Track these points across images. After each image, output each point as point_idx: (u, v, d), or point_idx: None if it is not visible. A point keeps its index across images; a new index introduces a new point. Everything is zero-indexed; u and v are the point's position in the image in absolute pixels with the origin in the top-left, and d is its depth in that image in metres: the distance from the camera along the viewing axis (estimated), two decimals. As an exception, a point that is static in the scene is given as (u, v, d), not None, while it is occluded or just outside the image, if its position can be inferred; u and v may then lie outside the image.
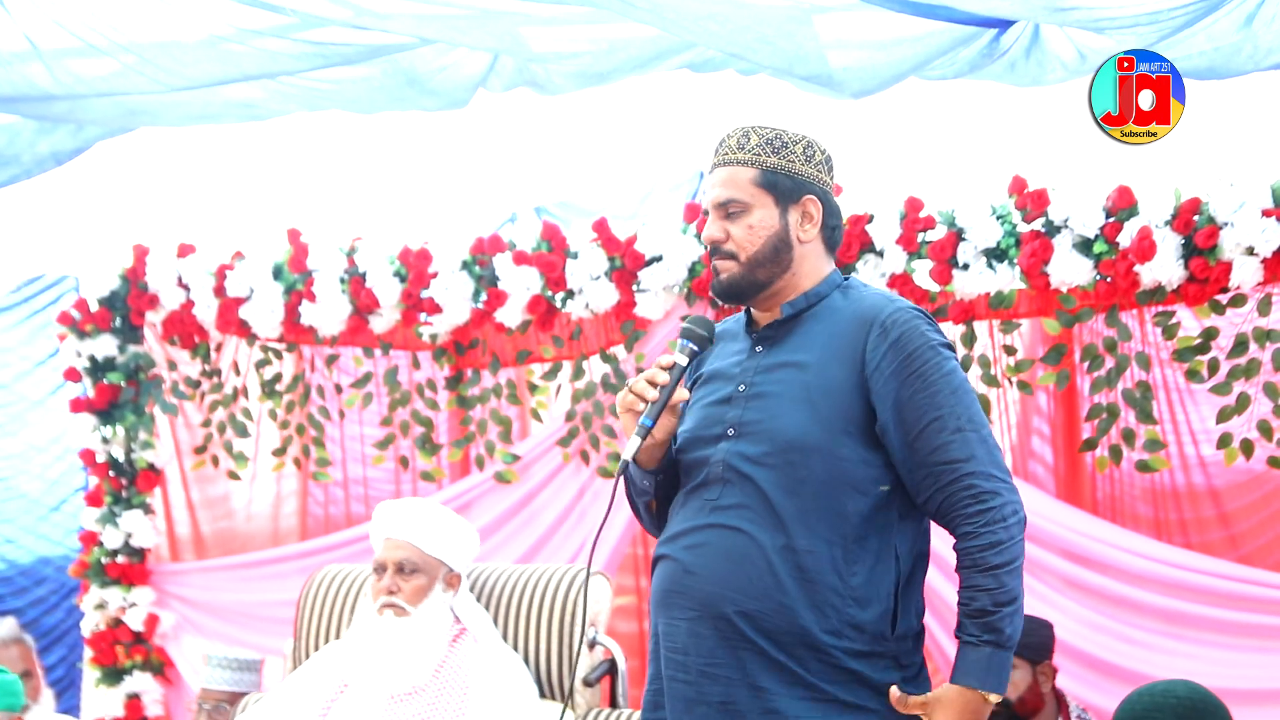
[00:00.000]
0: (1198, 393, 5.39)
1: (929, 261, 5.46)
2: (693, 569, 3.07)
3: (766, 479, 3.05)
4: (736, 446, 3.10)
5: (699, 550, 3.08)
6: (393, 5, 4.58)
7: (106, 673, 6.86)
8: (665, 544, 3.17)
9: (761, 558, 3.01)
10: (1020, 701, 4.77)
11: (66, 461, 7.46)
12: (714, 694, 3.03)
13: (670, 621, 3.11)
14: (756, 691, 3.00)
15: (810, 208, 3.20)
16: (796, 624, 2.99)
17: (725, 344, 3.29)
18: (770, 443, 3.06)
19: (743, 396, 3.14)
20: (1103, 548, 5.30)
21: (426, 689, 4.55)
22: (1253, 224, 5.00)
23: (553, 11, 4.64)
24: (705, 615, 3.04)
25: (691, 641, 3.06)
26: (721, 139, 3.25)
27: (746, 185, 3.17)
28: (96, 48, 4.89)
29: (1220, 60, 4.39)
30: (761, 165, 3.17)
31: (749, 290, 3.20)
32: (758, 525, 3.03)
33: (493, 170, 7.37)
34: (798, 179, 3.19)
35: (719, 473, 3.10)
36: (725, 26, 4.45)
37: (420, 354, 6.54)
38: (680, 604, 3.09)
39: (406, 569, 4.66)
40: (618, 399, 3.17)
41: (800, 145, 3.20)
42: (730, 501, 3.07)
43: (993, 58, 4.59)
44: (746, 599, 3.00)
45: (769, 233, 3.17)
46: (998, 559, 2.98)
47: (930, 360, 3.06)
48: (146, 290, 6.74)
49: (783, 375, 3.12)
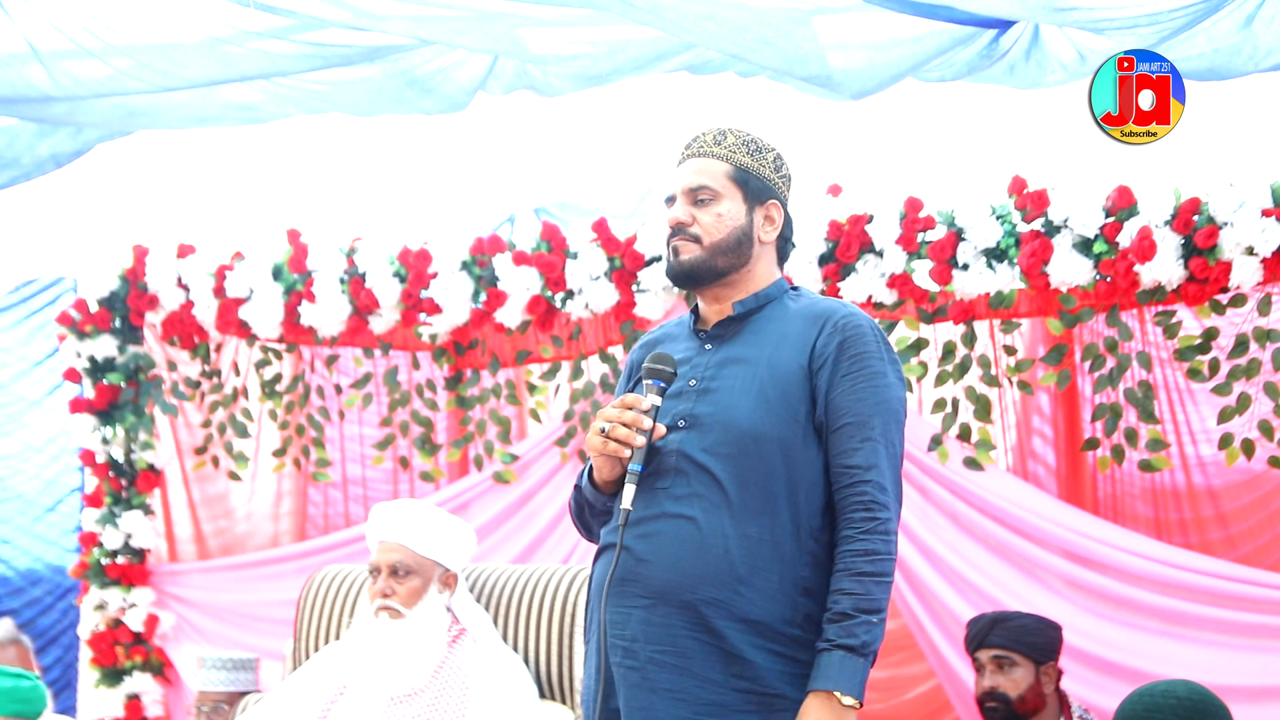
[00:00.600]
0: (1198, 392, 5.40)
1: (929, 261, 5.46)
2: (646, 557, 3.07)
3: (720, 468, 3.07)
4: (689, 437, 3.11)
5: (653, 539, 3.08)
6: (391, 7, 4.58)
7: (106, 673, 6.86)
8: (611, 532, 3.17)
9: (718, 546, 3.02)
10: (1020, 700, 4.78)
11: (63, 462, 7.46)
12: (663, 682, 3.03)
13: (619, 609, 3.10)
14: (704, 681, 3.01)
15: (773, 212, 3.28)
16: (755, 611, 3.01)
17: (669, 345, 3.31)
18: (723, 433, 3.09)
19: (694, 390, 3.17)
20: (1103, 548, 5.29)
21: (426, 690, 4.55)
22: (1252, 224, 5.00)
23: (552, 13, 4.64)
24: (660, 603, 3.04)
25: (642, 629, 3.06)
26: (696, 135, 3.30)
27: (719, 176, 3.24)
28: (96, 50, 4.89)
29: (1220, 61, 4.39)
30: (736, 162, 3.25)
31: (706, 276, 3.23)
32: (712, 514, 3.05)
33: (492, 173, 7.36)
34: (765, 183, 3.27)
35: (672, 463, 3.11)
36: (725, 27, 4.45)
37: (420, 354, 6.54)
38: (631, 591, 3.08)
39: (400, 571, 4.66)
40: (588, 441, 3.14)
41: (772, 155, 3.29)
42: (684, 491, 3.08)
43: (992, 59, 4.59)
44: (707, 587, 3.01)
45: (735, 224, 3.23)
46: (870, 567, 3.00)
47: (868, 368, 3.11)
48: (146, 291, 6.74)
49: (734, 370, 3.15)
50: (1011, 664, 4.81)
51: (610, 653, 3.12)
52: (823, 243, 5.61)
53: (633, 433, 3.07)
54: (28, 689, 4.71)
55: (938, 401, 5.62)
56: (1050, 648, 4.85)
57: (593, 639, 3.18)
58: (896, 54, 4.61)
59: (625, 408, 3.09)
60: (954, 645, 5.41)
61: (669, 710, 3.02)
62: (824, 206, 5.65)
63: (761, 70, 4.85)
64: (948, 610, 5.48)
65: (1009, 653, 4.81)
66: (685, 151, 3.30)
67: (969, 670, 5.21)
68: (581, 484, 3.29)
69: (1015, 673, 4.81)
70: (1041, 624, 4.88)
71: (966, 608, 5.38)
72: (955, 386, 5.61)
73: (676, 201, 3.26)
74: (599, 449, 3.12)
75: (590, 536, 3.35)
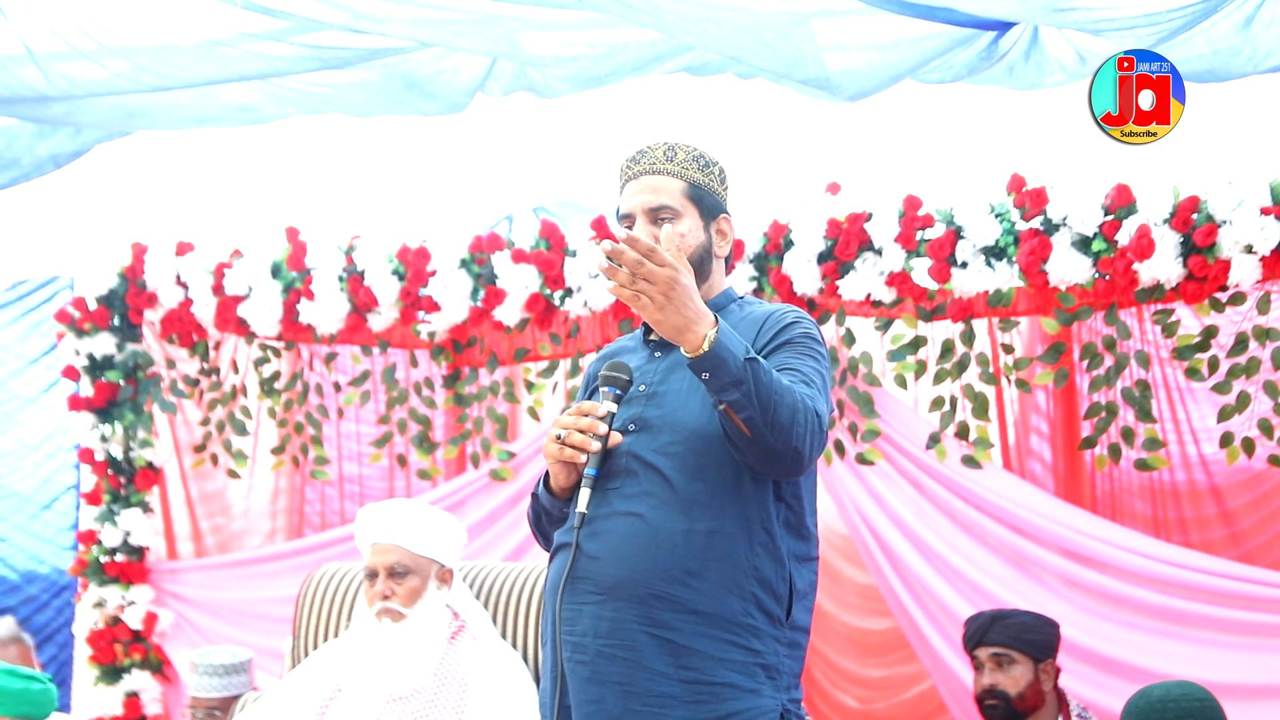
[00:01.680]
0: (1197, 391, 5.40)
1: (928, 260, 5.46)
2: (596, 555, 3.10)
3: (669, 466, 3.11)
4: (639, 440, 3.15)
5: (603, 537, 3.10)
6: (390, 9, 4.58)
7: (105, 671, 6.85)
8: (566, 533, 3.19)
9: (668, 540, 3.06)
10: (1020, 698, 4.79)
11: (59, 459, 7.46)
12: (611, 674, 3.06)
13: (571, 606, 3.12)
14: (652, 674, 3.03)
15: (725, 225, 3.33)
16: (708, 604, 3.04)
17: (625, 357, 3.32)
18: (672, 433, 3.13)
19: (642, 396, 3.21)
20: (1102, 546, 5.30)
21: (425, 688, 4.55)
22: (1251, 222, 5.00)
23: (550, 15, 4.64)
24: (611, 599, 3.07)
25: (592, 624, 3.09)
26: (641, 150, 3.30)
27: (677, 194, 3.26)
28: (91, 52, 4.89)
29: (1219, 63, 4.39)
30: (689, 179, 3.27)
31: None
32: (662, 510, 3.08)
33: (490, 174, 7.36)
34: (715, 197, 3.31)
35: (622, 465, 3.14)
36: (724, 29, 4.44)
37: (418, 352, 6.54)
38: (583, 589, 3.11)
39: (398, 571, 4.66)
40: (545, 449, 3.16)
41: (717, 168, 3.32)
42: (634, 490, 3.11)
43: (991, 60, 4.58)
44: (658, 581, 3.04)
45: (697, 243, 3.26)
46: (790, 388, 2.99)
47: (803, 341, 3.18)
48: (145, 289, 6.73)
49: (683, 374, 3.17)
50: (1011, 662, 4.82)
51: (563, 649, 3.14)
52: (822, 241, 5.61)
53: (588, 438, 3.09)
54: (38, 692, 4.72)
55: (936, 400, 5.63)
56: (1049, 645, 4.86)
57: (548, 638, 3.21)
58: (895, 56, 4.61)
59: (581, 414, 3.11)
60: (951, 644, 5.42)
61: (618, 703, 3.05)
62: (823, 205, 5.64)
63: (760, 72, 4.85)
64: (945, 608, 5.48)
65: (1008, 650, 4.82)
66: (634, 168, 3.30)
67: (966, 669, 5.22)
68: (538, 492, 3.31)
69: (1014, 670, 4.82)
70: (1040, 621, 4.89)
71: (964, 605, 5.39)
72: (953, 385, 5.61)
73: (636, 222, 3.26)
74: (555, 455, 3.14)
75: (546, 545, 3.36)
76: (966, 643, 4.94)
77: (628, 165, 3.32)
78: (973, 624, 4.94)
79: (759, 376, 2.93)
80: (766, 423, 2.95)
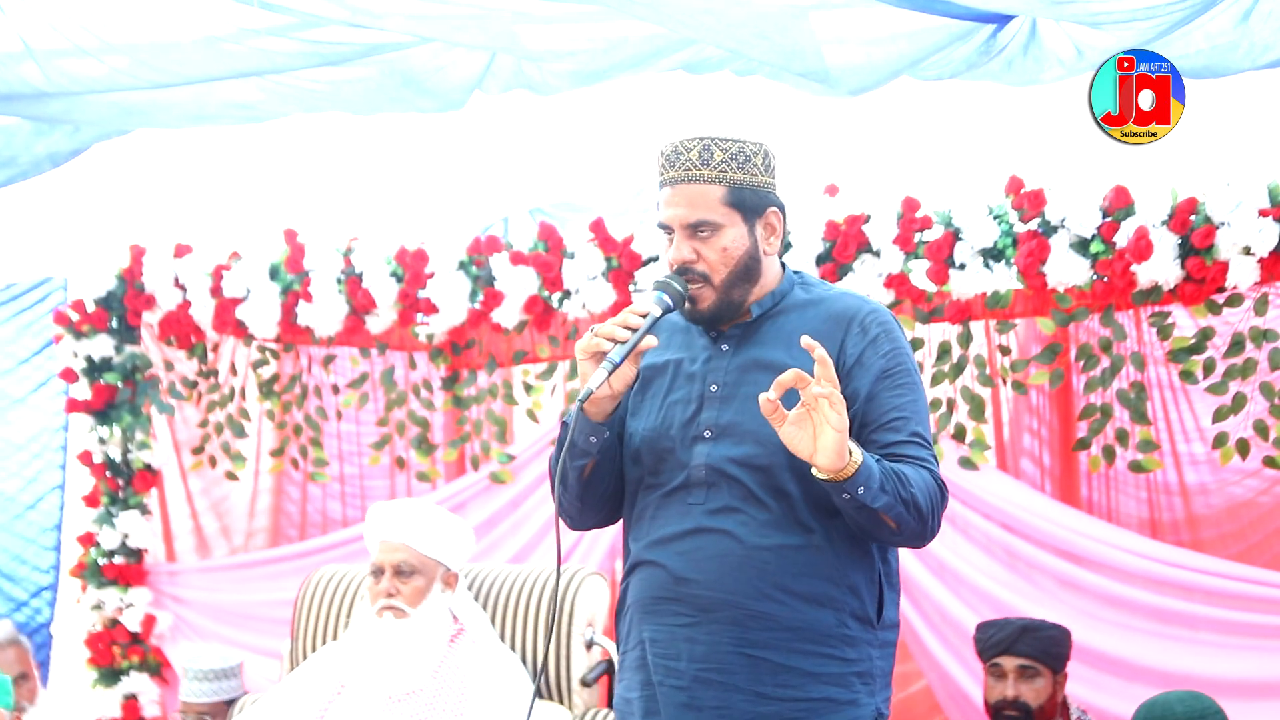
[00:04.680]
0: (1193, 392, 5.40)
1: (926, 261, 5.46)
2: (686, 575, 3.03)
3: (753, 480, 3.02)
4: (718, 449, 3.05)
5: (692, 556, 3.03)
6: (388, 4, 4.58)
7: (103, 673, 6.85)
8: (649, 550, 3.11)
9: (759, 558, 2.99)
10: (1040, 710, 4.79)
11: (45, 459, 7.45)
12: (708, 699, 3.01)
13: (661, 627, 3.07)
14: (749, 696, 2.98)
15: (773, 219, 3.14)
16: (803, 619, 2.98)
17: (673, 334, 3.22)
18: (754, 444, 3.02)
19: (716, 397, 3.09)
20: (1097, 546, 5.30)
21: (424, 689, 4.55)
22: (1249, 224, 5.01)
23: (549, 10, 4.65)
24: (705, 622, 3.01)
25: (686, 647, 3.03)
26: (675, 150, 3.10)
27: (716, 205, 3.07)
28: (92, 49, 4.89)
29: (1217, 58, 4.39)
30: (729, 182, 3.08)
31: (728, 314, 3.13)
32: (750, 527, 3.00)
33: (489, 172, 7.36)
34: (760, 192, 3.12)
35: (702, 476, 3.05)
36: (722, 21, 4.45)
37: (417, 354, 6.54)
38: (673, 610, 3.05)
39: (405, 571, 4.66)
40: (578, 345, 3.02)
41: (760, 156, 3.12)
42: (717, 504, 3.03)
43: (990, 55, 4.59)
44: (752, 600, 2.98)
45: (741, 252, 3.09)
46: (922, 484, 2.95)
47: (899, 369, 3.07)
48: (143, 290, 6.74)
49: (760, 376, 3.04)
50: (1035, 674, 4.80)
51: (655, 671, 3.08)
52: (820, 242, 5.61)
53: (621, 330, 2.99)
54: None
55: (933, 401, 5.62)
56: (1065, 655, 4.86)
57: (632, 656, 3.15)
58: (894, 49, 4.61)
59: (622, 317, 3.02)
60: (946, 645, 5.42)
61: None
62: (821, 206, 5.65)
63: (759, 67, 4.85)
64: (940, 609, 5.49)
65: (1035, 663, 4.80)
66: (670, 172, 3.11)
67: (962, 670, 5.23)
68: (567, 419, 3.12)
69: (1038, 682, 4.80)
70: (1062, 634, 4.88)
71: (959, 606, 5.40)
72: (950, 386, 5.61)
73: (675, 237, 3.10)
74: (585, 345, 3.00)
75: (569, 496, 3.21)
76: (987, 649, 4.90)
77: (663, 166, 3.12)
78: (997, 631, 4.89)
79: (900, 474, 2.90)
80: (912, 514, 2.91)
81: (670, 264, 3.12)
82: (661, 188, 3.14)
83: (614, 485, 3.21)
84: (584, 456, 3.12)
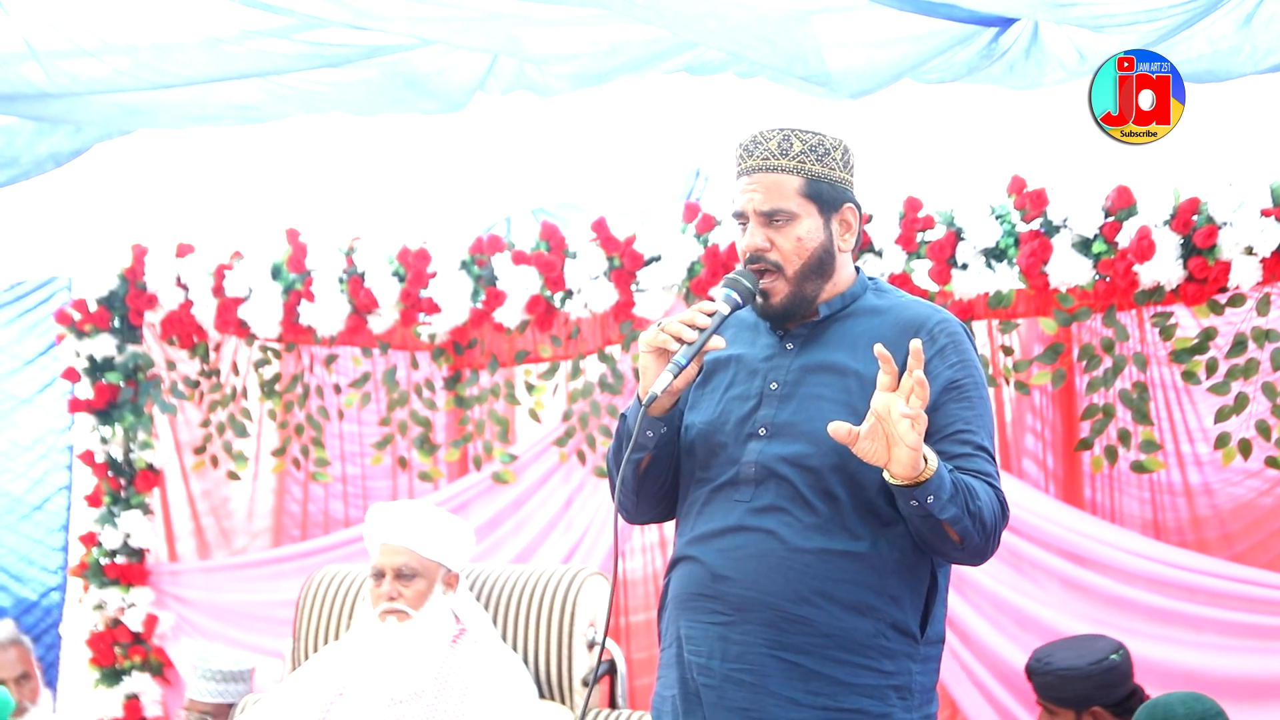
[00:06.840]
0: (1195, 392, 5.39)
1: (928, 261, 5.46)
2: (724, 573, 2.99)
3: (804, 481, 2.97)
4: (771, 447, 3.01)
5: (732, 554, 2.99)
6: (391, 7, 4.58)
7: (105, 673, 6.86)
8: (691, 545, 3.08)
9: (801, 561, 2.94)
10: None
11: (51, 460, 7.45)
12: (738, 700, 2.97)
13: (696, 625, 3.04)
14: (780, 700, 2.94)
15: (849, 216, 3.12)
16: (842, 626, 2.93)
17: (740, 330, 3.17)
18: (809, 445, 2.97)
19: (775, 395, 3.05)
20: (1099, 546, 5.30)
21: (426, 691, 4.55)
22: (1252, 224, 5.00)
23: (551, 13, 4.64)
24: (740, 621, 2.97)
25: (719, 646, 3.00)
26: (755, 140, 3.08)
27: (793, 194, 3.04)
28: (93, 49, 4.89)
29: (1219, 62, 4.39)
30: (807, 174, 3.05)
31: (800, 309, 3.09)
32: (794, 528, 2.96)
33: (490, 173, 7.36)
34: (837, 187, 3.09)
35: (751, 473, 3.01)
36: (724, 24, 4.44)
37: (419, 354, 6.54)
38: (709, 608, 3.01)
39: (406, 574, 4.65)
40: (643, 337, 2.99)
41: (839, 151, 3.10)
42: (764, 503, 2.99)
43: (992, 58, 4.58)
44: (791, 603, 2.93)
45: (815, 244, 3.06)
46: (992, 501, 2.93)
47: (967, 381, 3.02)
48: (145, 290, 6.74)
49: (822, 378, 3.02)
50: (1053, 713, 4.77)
51: (688, 669, 3.05)
52: (822, 242, 5.60)
53: (688, 329, 2.96)
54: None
55: (936, 401, 5.62)
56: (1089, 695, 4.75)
57: (669, 653, 3.12)
58: (896, 53, 4.61)
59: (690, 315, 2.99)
60: (946, 646, 5.40)
61: None
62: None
63: (761, 70, 4.85)
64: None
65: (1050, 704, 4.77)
66: (748, 160, 3.08)
67: (963, 669, 5.21)
68: (626, 412, 3.12)
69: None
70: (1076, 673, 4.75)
71: (962, 605, 5.39)
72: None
73: (749, 224, 3.07)
74: (649, 340, 2.98)
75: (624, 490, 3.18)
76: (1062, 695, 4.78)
77: (742, 155, 3.10)
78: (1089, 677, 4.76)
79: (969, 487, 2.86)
80: (976, 528, 2.87)
81: (742, 252, 3.09)
82: (739, 177, 3.11)
83: (671, 480, 3.18)
84: (640, 450, 3.09)
